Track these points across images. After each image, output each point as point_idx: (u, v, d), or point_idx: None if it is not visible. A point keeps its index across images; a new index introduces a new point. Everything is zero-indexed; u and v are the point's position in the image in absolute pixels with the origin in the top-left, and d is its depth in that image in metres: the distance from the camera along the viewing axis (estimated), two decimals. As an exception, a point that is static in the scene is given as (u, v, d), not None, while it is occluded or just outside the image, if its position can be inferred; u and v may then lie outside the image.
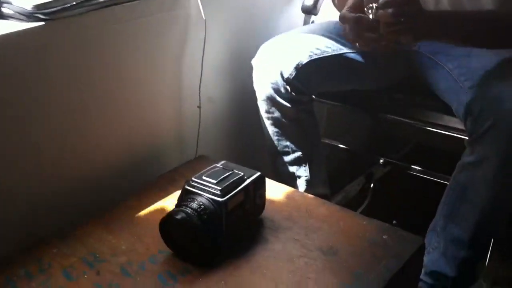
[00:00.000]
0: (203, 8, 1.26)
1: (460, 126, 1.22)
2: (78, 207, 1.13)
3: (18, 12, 1.01)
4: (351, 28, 1.05)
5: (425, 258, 1.13)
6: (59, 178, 1.13)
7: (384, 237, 1.00)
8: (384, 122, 1.50)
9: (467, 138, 1.13)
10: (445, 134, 1.37)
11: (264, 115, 1.31)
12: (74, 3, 1.04)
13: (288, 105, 1.28)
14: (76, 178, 1.16)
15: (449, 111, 1.25)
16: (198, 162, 1.24)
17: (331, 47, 1.30)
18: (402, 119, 1.45)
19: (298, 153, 1.32)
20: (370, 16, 1.01)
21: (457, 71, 1.19)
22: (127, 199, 1.11)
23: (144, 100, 1.27)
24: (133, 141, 1.27)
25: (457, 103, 1.16)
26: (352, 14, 1.04)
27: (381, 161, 1.59)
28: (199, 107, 1.34)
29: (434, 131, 1.40)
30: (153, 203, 1.09)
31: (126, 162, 1.25)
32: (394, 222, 1.55)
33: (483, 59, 1.16)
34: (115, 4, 1.11)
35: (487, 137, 1.05)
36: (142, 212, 1.06)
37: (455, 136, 1.32)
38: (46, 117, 1.08)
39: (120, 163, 1.24)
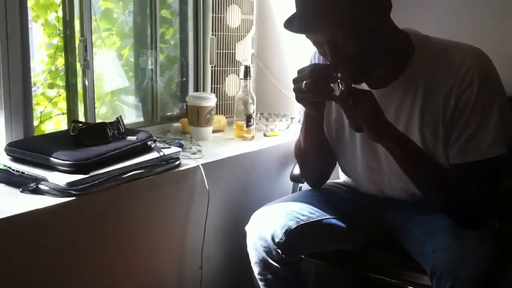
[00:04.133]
0: (207, 179, 1.45)
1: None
2: None
3: (53, 189, 1.18)
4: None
5: None
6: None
7: None
8: (368, 281, 1.62)
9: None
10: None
11: (257, 276, 1.42)
12: (101, 180, 1.23)
13: (279, 266, 1.39)
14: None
15: (424, 271, 1.38)
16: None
17: (315, 213, 1.45)
18: (384, 278, 1.58)
19: (291, 313, 1.42)
20: None
21: (424, 237, 1.34)
22: None
23: (151, 262, 1.40)
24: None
25: (426, 266, 1.29)
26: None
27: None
28: (200, 268, 1.47)
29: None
30: None
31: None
32: None
33: (444, 225, 1.30)
34: (134, 179, 1.30)
35: None
36: None
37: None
38: (65, 279, 1.20)
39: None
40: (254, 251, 1.42)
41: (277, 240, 1.37)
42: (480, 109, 1.22)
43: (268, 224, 1.40)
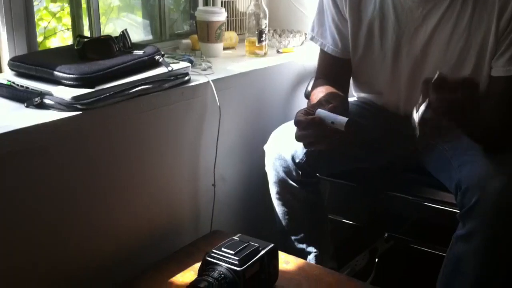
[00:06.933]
0: (218, 96, 1.40)
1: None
2: (100, 281, 1.22)
3: (58, 103, 1.15)
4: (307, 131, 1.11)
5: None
6: (83, 254, 1.22)
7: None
8: (385, 198, 1.60)
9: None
10: (441, 208, 1.47)
11: (275, 196, 1.42)
12: (107, 94, 1.19)
13: (298, 187, 1.38)
14: (98, 254, 1.26)
15: (443, 187, 1.35)
16: (213, 236, 1.34)
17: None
18: (400, 195, 1.56)
19: (307, 231, 1.41)
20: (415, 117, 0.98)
21: (451, 152, 1.31)
22: (148, 271, 1.19)
23: (163, 179, 1.38)
24: (152, 217, 1.37)
25: (450, 181, 1.27)
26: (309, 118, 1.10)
27: (385, 235, 1.68)
28: (213, 185, 1.46)
29: (432, 206, 1.50)
30: (173, 276, 1.17)
31: (146, 237, 1.35)
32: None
33: (471, 141, 1.28)
34: (141, 95, 1.26)
35: (474, 211, 1.14)
36: (163, 285, 1.14)
37: (452, 211, 1.42)
38: (75, 197, 1.19)
39: (141, 238, 1.34)
40: (273, 171, 1.40)
41: (297, 160, 1.35)
42: None
43: (288, 144, 1.37)
